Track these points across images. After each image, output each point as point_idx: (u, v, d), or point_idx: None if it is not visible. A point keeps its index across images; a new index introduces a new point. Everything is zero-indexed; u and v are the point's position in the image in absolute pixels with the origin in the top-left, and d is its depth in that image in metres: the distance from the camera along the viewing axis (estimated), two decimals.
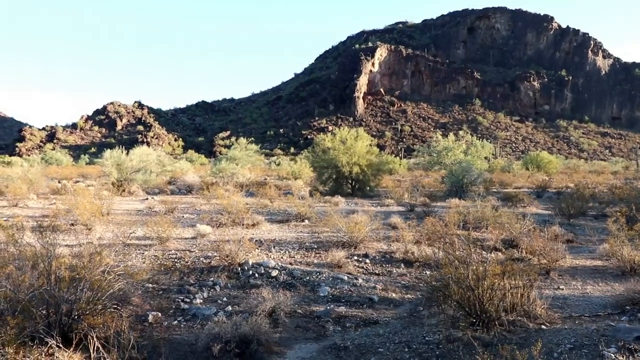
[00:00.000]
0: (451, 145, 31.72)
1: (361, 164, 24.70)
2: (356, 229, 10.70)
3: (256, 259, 9.41)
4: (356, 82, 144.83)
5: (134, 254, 9.59)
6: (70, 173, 42.74)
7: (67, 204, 14.93)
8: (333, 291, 7.89)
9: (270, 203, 18.40)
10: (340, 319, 6.75)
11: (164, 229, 10.82)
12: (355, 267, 9.36)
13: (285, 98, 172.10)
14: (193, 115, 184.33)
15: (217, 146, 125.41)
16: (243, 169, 34.05)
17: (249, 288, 7.85)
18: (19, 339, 4.54)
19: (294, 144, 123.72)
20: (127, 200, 20.87)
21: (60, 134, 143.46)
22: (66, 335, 4.87)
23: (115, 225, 13.11)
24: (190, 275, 8.43)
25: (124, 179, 26.07)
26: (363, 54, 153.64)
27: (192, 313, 6.60)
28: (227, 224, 13.45)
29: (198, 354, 5.24)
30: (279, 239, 11.65)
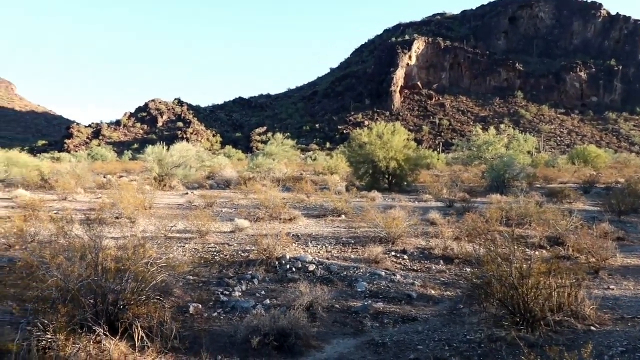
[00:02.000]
0: (492, 140, 30.82)
1: (398, 159, 24.40)
2: (394, 224, 10.57)
3: (293, 253, 9.46)
4: (393, 75, 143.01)
5: (175, 247, 9.83)
6: (115, 168, 44.38)
7: (112, 198, 15.49)
8: (371, 287, 7.83)
9: (306, 198, 18.47)
10: (379, 315, 6.68)
11: (203, 223, 11.04)
12: (393, 263, 9.26)
13: (321, 93, 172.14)
14: (231, 112, 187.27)
15: (254, 142, 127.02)
16: (280, 164, 34.36)
17: (287, 282, 7.90)
18: (70, 327, 4.73)
19: (330, 139, 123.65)
20: (168, 195, 21.45)
21: (105, 131, 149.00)
22: (113, 324, 5.04)
23: (157, 218, 13.48)
24: (230, 268, 8.57)
25: (165, 174, 26.82)
26: (400, 47, 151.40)
27: (231, 306, 6.70)
28: (264, 218, 13.59)
29: (238, 346, 5.31)
30: (315, 234, 11.67)
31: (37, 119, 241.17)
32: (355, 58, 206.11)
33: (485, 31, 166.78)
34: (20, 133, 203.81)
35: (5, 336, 4.38)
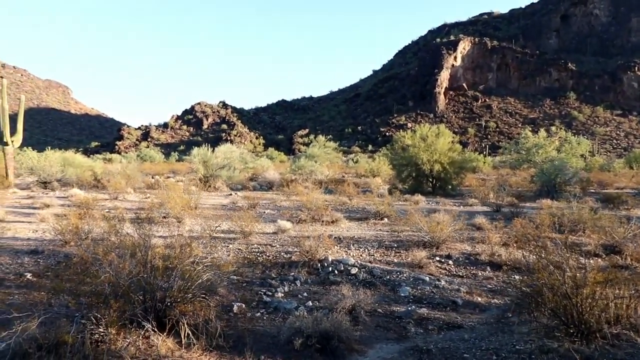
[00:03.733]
0: (542, 142, 29.65)
1: (442, 162, 23.91)
2: (438, 228, 10.35)
3: (335, 256, 9.43)
4: (437, 77, 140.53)
5: (219, 247, 10.02)
6: (162, 169, 45.87)
7: (159, 198, 15.99)
8: (414, 292, 7.68)
9: (348, 200, 18.40)
10: (422, 320, 6.54)
11: (247, 224, 11.20)
12: (437, 268, 9.06)
13: (363, 95, 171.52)
14: (273, 114, 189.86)
15: (296, 144, 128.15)
16: (321, 166, 34.45)
17: (329, 284, 7.88)
18: (120, 321, 4.90)
19: (372, 141, 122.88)
20: (212, 195, 21.94)
21: (154, 132, 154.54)
22: (160, 320, 5.18)
23: (202, 218, 13.80)
24: (272, 269, 8.64)
25: (210, 175, 27.49)
26: (445, 47, 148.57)
27: (274, 306, 6.74)
28: (306, 220, 13.64)
29: (280, 347, 5.33)
30: (358, 237, 11.59)
31: (90, 121, 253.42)
32: (399, 59, 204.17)
33: (535, 30, 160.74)
34: (75, 135, 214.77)
35: (61, 328, 4.59)
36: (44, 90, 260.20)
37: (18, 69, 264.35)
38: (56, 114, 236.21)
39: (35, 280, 7.65)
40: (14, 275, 7.98)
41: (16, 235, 11.11)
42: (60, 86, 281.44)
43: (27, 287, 7.23)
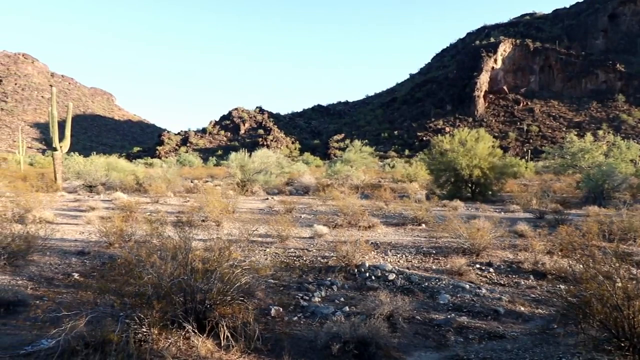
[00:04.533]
0: (588, 147, 28.38)
1: (482, 167, 23.33)
2: (478, 235, 10.08)
3: (372, 261, 9.35)
4: (476, 80, 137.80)
5: (257, 251, 10.12)
6: (201, 174, 46.86)
7: (199, 202, 16.34)
8: (454, 299, 7.51)
9: (385, 206, 18.23)
10: (462, 329, 6.38)
11: (283, 228, 11.28)
12: (478, 275, 8.82)
13: (400, 99, 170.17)
14: (309, 119, 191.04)
15: (331, 149, 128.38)
16: (357, 171, 34.32)
17: (366, 290, 7.81)
18: (162, 322, 5.02)
19: (409, 146, 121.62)
20: (249, 200, 22.23)
21: (192, 138, 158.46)
22: (200, 322, 5.27)
23: (240, 222, 14.00)
24: (309, 273, 8.66)
25: (247, 179, 27.89)
26: (484, 50, 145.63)
27: (311, 310, 6.74)
28: (343, 225, 13.60)
29: (318, 351, 5.32)
30: (395, 243, 11.45)
31: (132, 127, 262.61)
32: (436, 63, 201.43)
33: (581, 30, 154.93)
34: (118, 140, 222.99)
35: (107, 327, 4.74)
36: (89, 98, 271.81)
37: (66, 77, 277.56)
38: (101, 121, 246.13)
39: (82, 280, 7.95)
40: (63, 275, 8.34)
41: (64, 237, 11.59)
42: (105, 93, 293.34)
43: (75, 287, 7.52)
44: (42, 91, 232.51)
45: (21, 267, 8.49)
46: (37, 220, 12.88)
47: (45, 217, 13.70)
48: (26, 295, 6.69)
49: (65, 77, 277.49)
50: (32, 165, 62.54)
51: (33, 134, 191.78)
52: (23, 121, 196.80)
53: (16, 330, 5.57)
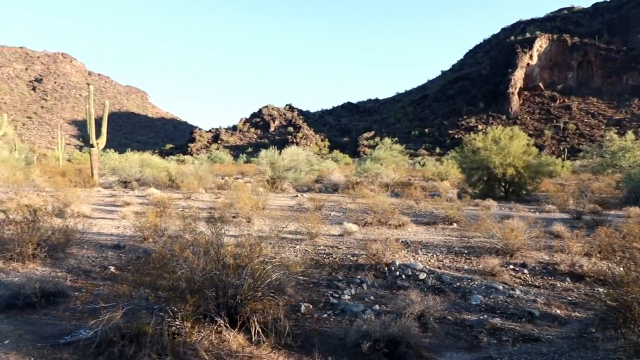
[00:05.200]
0: (629, 145, 27.25)
1: (516, 166, 22.73)
2: (512, 235, 9.83)
3: (403, 260, 9.26)
4: (511, 76, 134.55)
5: (286, 247, 10.17)
6: (231, 170, 47.54)
7: (229, 198, 16.56)
8: (486, 300, 7.35)
9: (415, 204, 18.03)
10: (495, 331, 6.24)
11: (313, 225, 11.29)
12: (511, 276, 8.61)
13: (431, 96, 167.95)
14: (339, 116, 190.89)
15: (361, 146, 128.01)
16: (387, 169, 34.08)
17: (396, 289, 7.74)
18: (195, 315, 5.11)
19: (440, 144, 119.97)
20: (279, 197, 22.38)
21: (223, 135, 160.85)
22: (232, 316, 5.34)
23: (270, 219, 14.11)
24: (339, 271, 8.64)
25: (276, 176, 28.11)
26: (519, 46, 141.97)
27: (340, 308, 6.73)
28: (372, 223, 13.52)
29: (347, 349, 5.30)
30: (425, 242, 11.31)
31: (165, 124, 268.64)
32: (469, 59, 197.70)
33: (622, 24, 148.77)
34: (151, 137, 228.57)
35: (142, 319, 4.86)
36: (124, 96, 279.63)
37: (102, 76, 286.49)
38: (135, 118, 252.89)
39: (118, 273, 8.18)
40: (100, 267, 8.60)
41: (101, 231, 11.96)
42: (139, 92, 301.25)
43: (111, 280, 7.74)
44: (80, 89, 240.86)
45: (60, 260, 8.80)
46: (75, 215, 13.34)
47: (82, 212, 14.17)
48: (65, 287, 6.93)
49: (102, 75, 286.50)
50: (70, 162, 64.89)
51: (71, 131, 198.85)
52: (62, 118, 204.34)
53: (56, 321, 5.78)
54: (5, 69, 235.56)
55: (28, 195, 17.02)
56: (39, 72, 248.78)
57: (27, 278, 6.81)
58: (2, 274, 7.79)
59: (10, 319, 5.79)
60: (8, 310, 6.12)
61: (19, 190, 18.06)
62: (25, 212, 9.35)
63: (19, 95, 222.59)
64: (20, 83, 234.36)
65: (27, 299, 6.16)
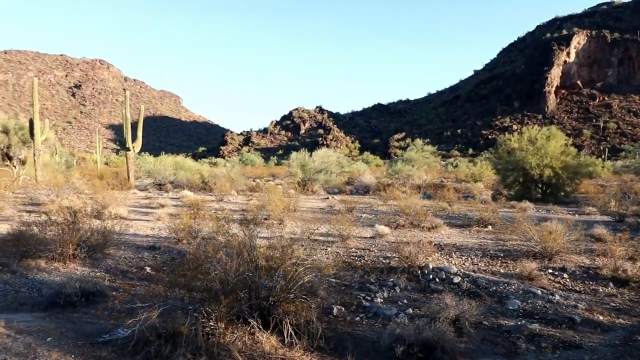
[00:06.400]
0: None
1: (554, 167, 22.02)
2: (550, 238, 9.52)
3: (436, 263, 9.10)
4: (547, 75, 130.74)
5: (318, 249, 10.15)
6: (262, 173, 47.99)
7: (261, 200, 16.70)
8: (524, 305, 7.12)
9: (448, 206, 17.72)
10: (534, 336, 6.03)
11: (345, 227, 11.25)
12: (550, 281, 8.32)
13: (463, 97, 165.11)
14: (369, 118, 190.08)
15: (392, 148, 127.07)
16: (419, 171, 33.68)
17: (430, 292, 7.61)
18: (228, 317, 5.15)
19: (473, 144, 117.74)
20: (310, 199, 22.43)
21: (254, 138, 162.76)
22: (265, 318, 5.35)
23: (301, 221, 14.15)
24: (371, 274, 8.57)
25: (307, 178, 28.17)
26: (556, 43, 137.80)
27: (373, 311, 6.66)
28: (405, 225, 13.37)
29: (381, 353, 5.23)
30: (459, 244, 11.08)
31: (198, 127, 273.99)
32: (503, 58, 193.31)
33: None
34: (184, 140, 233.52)
35: (177, 319, 4.93)
36: (158, 100, 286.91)
37: (137, 81, 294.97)
38: (169, 122, 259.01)
39: (154, 273, 8.37)
40: (136, 268, 8.81)
41: (137, 232, 12.27)
42: (173, 96, 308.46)
43: (147, 280, 7.93)
44: (116, 95, 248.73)
45: (99, 260, 9.07)
46: (113, 216, 13.73)
47: (119, 214, 14.58)
48: (104, 287, 7.13)
49: (137, 80, 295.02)
50: (107, 165, 67.04)
51: (108, 135, 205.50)
52: (99, 123, 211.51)
53: (95, 320, 5.95)
54: (47, 76, 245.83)
55: (68, 197, 17.64)
56: (78, 79, 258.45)
57: (68, 278, 7.04)
58: (44, 274, 8.09)
59: (52, 317, 5.99)
60: (51, 308, 6.34)
61: (60, 192, 18.74)
62: (66, 213, 9.68)
63: (59, 101, 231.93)
64: (60, 89, 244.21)
65: (68, 298, 6.36)
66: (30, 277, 7.89)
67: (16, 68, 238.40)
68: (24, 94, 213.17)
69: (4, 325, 5.29)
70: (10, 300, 6.77)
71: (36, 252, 8.55)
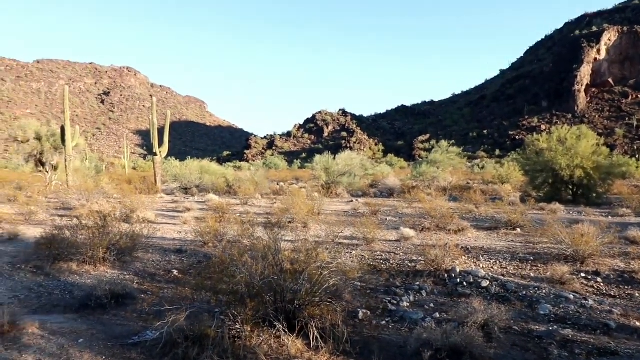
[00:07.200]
0: None
1: (585, 167, 21.40)
2: (582, 241, 9.23)
3: (464, 266, 8.94)
4: (576, 73, 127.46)
5: (343, 253, 10.11)
6: (286, 176, 48.20)
7: (285, 203, 16.75)
8: (556, 310, 6.92)
9: (475, 208, 17.43)
10: (567, 343, 5.84)
11: (369, 230, 11.18)
12: (583, 285, 8.07)
13: (489, 97, 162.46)
14: (393, 120, 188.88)
15: (416, 150, 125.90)
16: (444, 173, 33.26)
17: (457, 296, 7.47)
18: (254, 320, 5.17)
19: (500, 145, 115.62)
20: (334, 202, 22.39)
21: (278, 141, 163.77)
22: (290, 321, 5.34)
23: (325, 224, 14.13)
24: (396, 277, 8.47)
25: (331, 181, 28.16)
26: (585, 40, 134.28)
27: (399, 315, 6.58)
28: (430, 228, 13.20)
29: (407, 358, 5.16)
30: (487, 247, 10.87)
31: (222, 132, 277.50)
32: (530, 57, 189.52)
33: None
34: (209, 145, 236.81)
35: (204, 322, 4.98)
36: (184, 106, 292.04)
37: (164, 87, 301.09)
38: (194, 127, 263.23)
39: (181, 276, 8.48)
40: (164, 271, 8.95)
41: (164, 236, 12.47)
42: (198, 101, 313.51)
43: (175, 283, 8.03)
44: (143, 101, 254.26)
45: (128, 263, 9.24)
46: (141, 220, 13.99)
47: (147, 217, 14.85)
48: (133, 290, 7.25)
49: (163, 87, 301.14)
50: (135, 169, 68.51)
51: (136, 141, 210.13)
52: (127, 129, 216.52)
53: (125, 321, 6.05)
54: (77, 84, 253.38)
55: (98, 201, 18.09)
56: (107, 86, 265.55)
57: (98, 280, 7.19)
58: (76, 276, 8.30)
59: (84, 319, 6.13)
60: (82, 310, 6.48)
61: (90, 197, 19.23)
62: (96, 218, 9.91)
63: (89, 108, 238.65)
64: (90, 97, 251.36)
65: (99, 300, 6.50)
66: (62, 280, 8.10)
67: (48, 77, 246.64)
68: (55, 102, 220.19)
69: (38, 326, 5.43)
70: (44, 302, 6.97)
71: (68, 255, 8.77)
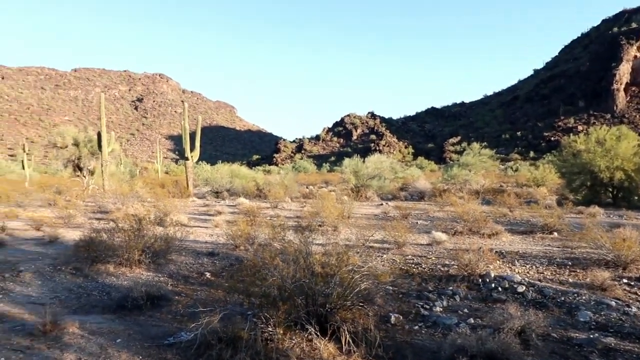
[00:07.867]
0: None
1: (626, 169, 20.59)
2: (625, 246, 8.87)
3: (498, 271, 8.73)
4: (615, 71, 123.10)
5: (374, 256, 10.03)
6: (315, 180, 48.30)
7: (315, 207, 16.78)
8: (596, 317, 6.66)
9: (509, 212, 17.01)
10: (609, 351, 5.61)
11: (400, 234, 11.06)
12: (625, 291, 7.74)
13: (522, 97, 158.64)
14: (422, 122, 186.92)
15: (447, 152, 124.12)
16: (476, 175, 32.67)
17: (492, 302, 7.29)
18: (286, 323, 5.18)
19: (534, 147, 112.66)
20: (364, 205, 22.29)
21: (307, 145, 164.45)
22: (322, 325, 5.33)
23: (356, 228, 14.05)
24: (429, 282, 8.35)
25: (360, 185, 28.06)
26: (624, 37, 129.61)
27: (432, 320, 6.47)
28: (463, 232, 12.97)
29: None
30: (522, 252, 10.58)
31: (252, 136, 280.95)
32: (565, 55, 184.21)
33: None
34: (239, 149, 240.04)
35: (237, 324, 5.02)
36: (214, 111, 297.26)
37: (194, 93, 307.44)
38: (224, 131, 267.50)
39: (214, 279, 8.59)
40: (197, 273, 9.10)
41: (197, 239, 12.68)
42: (227, 106, 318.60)
43: (207, 285, 8.15)
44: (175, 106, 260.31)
45: (162, 266, 9.44)
46: (174, 223, 14.28)
47: (180, 221, 15.15)
48: (167, 291, 7.40)
49: (194, 92, 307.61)
50: (167, 174, 70.12)
51: (168, 145, 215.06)
52: (160, 134, 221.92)
53: (160, 323, 6.18)
54: (112, 91, 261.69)
55: (133, 205, 18.57)
56: (140, 93, 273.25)
57: (134, 282, 7.37)
58: (113, 278, 8.53)
59: (121, 320, 6.29)
60: (119, 311, 6.66)
61: (125, 200, 19.78)
62: (132, 221, 10.17)
63: (123, 114, 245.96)
64: (124, 103, 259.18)
65: (135, 302, 6.66)
66: (100, 281, 8.34)
67: (85, 84, 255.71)
68: (91, 109, 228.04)
69: (78, 326, 5.60)
70: (83, 303, 7.19)
71: (105, 258, 9.03)
